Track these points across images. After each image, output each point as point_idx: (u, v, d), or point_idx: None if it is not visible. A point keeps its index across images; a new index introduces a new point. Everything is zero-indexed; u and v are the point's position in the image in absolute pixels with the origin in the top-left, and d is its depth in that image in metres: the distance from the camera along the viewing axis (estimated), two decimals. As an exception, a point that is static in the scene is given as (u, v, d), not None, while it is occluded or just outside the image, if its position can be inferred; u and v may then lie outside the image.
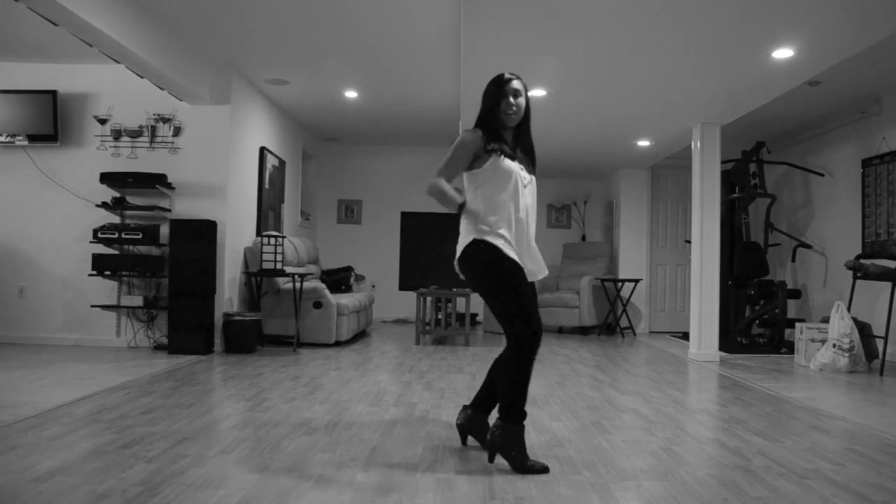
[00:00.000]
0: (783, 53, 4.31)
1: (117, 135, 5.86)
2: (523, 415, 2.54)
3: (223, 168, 5.81)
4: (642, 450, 2.82)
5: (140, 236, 5.53)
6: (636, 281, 8.26)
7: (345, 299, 6.51)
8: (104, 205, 5.64)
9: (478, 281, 2.59)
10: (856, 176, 6.41)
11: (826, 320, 5.49)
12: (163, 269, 5.63)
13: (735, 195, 7.32)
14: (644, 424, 3.29)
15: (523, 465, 2.46)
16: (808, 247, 7.02)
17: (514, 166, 2.61)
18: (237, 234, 6.04)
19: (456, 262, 2.66)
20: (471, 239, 2.57)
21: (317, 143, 9.00)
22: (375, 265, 9.26)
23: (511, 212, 2.58)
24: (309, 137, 8.57)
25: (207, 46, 5.37)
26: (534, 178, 2.70)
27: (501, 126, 2.65)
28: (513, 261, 2.54)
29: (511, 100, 2.62)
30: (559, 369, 5.15)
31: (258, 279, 6.08)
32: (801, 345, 5.59)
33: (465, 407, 2.84)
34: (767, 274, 6.93)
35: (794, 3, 3.60)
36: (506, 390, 2.54)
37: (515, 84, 2.65)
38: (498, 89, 2.63)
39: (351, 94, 6.67)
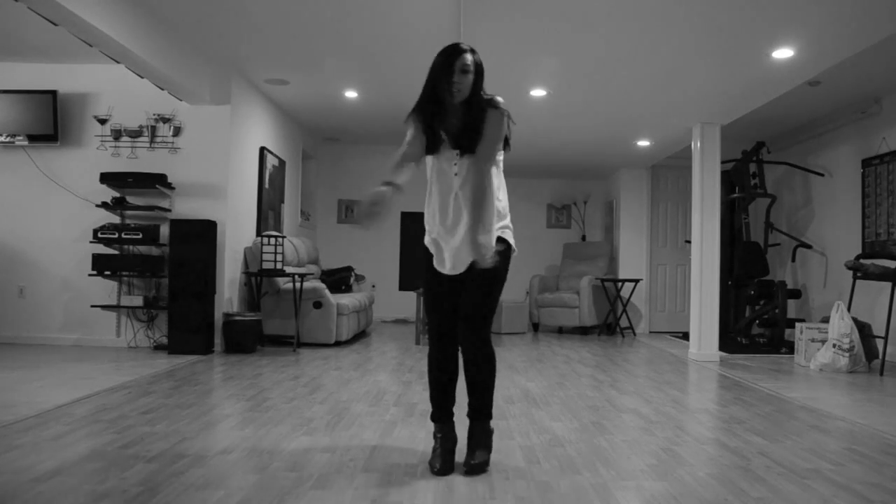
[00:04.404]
0: (783, 53, 4.31)
1: (117, 135, 5.85)
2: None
3: (223, 168, 5.81)
4: (642, 450, 2.82)
5: (140, 236, 5.52)
6: (636, 281, 8.26)
7: (345, 299, 6.51)
8: (104, 205, 5.64)
9: None
10: (856, 176, 6.41)
11: (826, 320, 5.49)
12: (163, 269, 5.63)
13: (735, 195, 7.31)
14: (644, 424, 3.29)
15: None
16: (808, 247, 7.02)
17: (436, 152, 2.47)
18: (237, 234, 6.04)
19: None
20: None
21: (317, 143, 9.00)
22: (375, 265, 9.26)
23: (436, 202, 2.49)
24: (309, 137, 8.57)
25: (207, 46, 5.36)
26: (474, 157, 2.43)
27: (446, 101, 2.43)
28: (428, 265, 2.54)
29: (454, 77, 2.37)
30: (559, 369, 5.15)
31: (258, 279, 6.08)
32: (801, 345, 5.59)
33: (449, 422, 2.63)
34: (767, 274, 6.93)
35: (794, 2, 3.60)
36: (493, 390, 2.58)
37: (467, 58, 2.38)
38: (445, 63, 2.39)
39: (351, 94, 6.67)
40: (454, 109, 2.46)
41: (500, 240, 2.50)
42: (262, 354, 5.56)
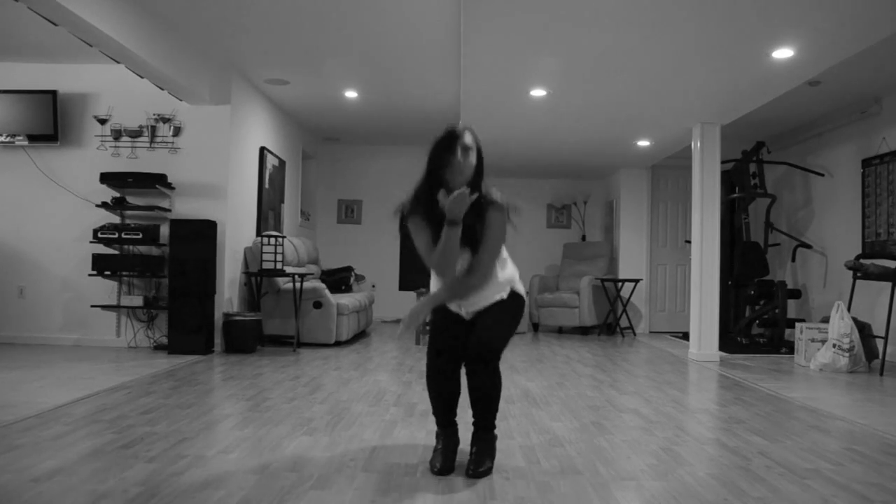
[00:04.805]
0: (783, 53, 4.31)
1: (117, 135, 5.85)
2: None
3: (223, 168, 5.81)
4: (642, 450, 2.82)
5: (140, 236, 5.53)
6: (636, 281, 8.26)
7: (345, 299, 6.51)
8: (104, 205, 5.64)
9: None
10: (856, 176, 6.41)
11: (826, 320, 5.49)
12: (163, 269, 5.63)
13: (735, 195, 7.31)
14: (644, 424, 3.29)
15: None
16: (808, 247, 7.02)
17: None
18: (237, 234, 6.04)
19: None
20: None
21: (317, 143, 9.00)
22: (375, 265, 9.25)
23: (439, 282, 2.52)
24: (309, 137, 8.57)
25: (207, 46, 5.37)
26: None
27: (447, 186, 2.38)
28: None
29: (458, 157, 2.35)
30: (559, 369, 5.15)
31: (258, 279, 6.08)
32: (801, 345, 5.59)
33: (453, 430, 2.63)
34: (767, 274, 6.93)
35: (794, 2, 3.60)
36: (497, 406, 2.54)
37: (467, 139, 2.38)
38: (446, 145, 2.38)
39: (351, 94, 6.67)
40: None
41: (511, 292, 2.54)
42: (262, 354, 5.56)
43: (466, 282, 2.45)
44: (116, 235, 5.52)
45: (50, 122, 5.76)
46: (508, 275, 2.56)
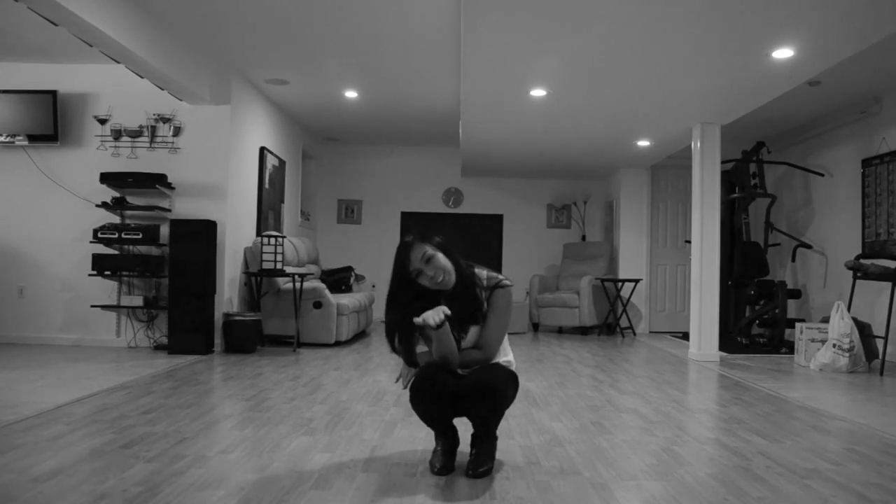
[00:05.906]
0: (783, 53, 4.31)
1: (117, 135, 5.85)
2: None
3: (223, 168, 5.81)
4: (642, 450, 2.82)
5: (140, 236, 5.53)
6: (636, 281, 8.26)
7: (345, 299, 6.51)
8: (104, 205, 5.64)
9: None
10: (856, 176, 6.41)
11: (826, 320, 5.49)
12: (163, 269, 5.63)
13: (735, 195, 7.31)
14: (644, 424, 3.29)
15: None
16: (808, 247, 7.02)
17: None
18: (237, 234, 6.04)
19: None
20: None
21: (317, 143, 9.00)
22: (375, 265, 9.24)
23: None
24: (309, 137, 8.57)
25: (207, 46, 5.37)
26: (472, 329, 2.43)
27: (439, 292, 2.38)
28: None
29: (425, 269, 2.31)
30: (559, 369, 5.15)
31: (258, 279, 6.08)
32: (801, 345, 5.59)
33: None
34: (767, 274, 6.92)
35: (793, 2, 3.60)
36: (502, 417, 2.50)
37: (420, 249, 2.32)
38: (405, 261, 2.34)
39: (351, 94, 6.67)
40: (448, 294, 2.40)
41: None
42: (262, 354, 5.56)
43: (469, 356, 2.42)
44: (116, 235, 5.52)
45: (50, 122, 5.76)
46: (507, 360, 2.53)
